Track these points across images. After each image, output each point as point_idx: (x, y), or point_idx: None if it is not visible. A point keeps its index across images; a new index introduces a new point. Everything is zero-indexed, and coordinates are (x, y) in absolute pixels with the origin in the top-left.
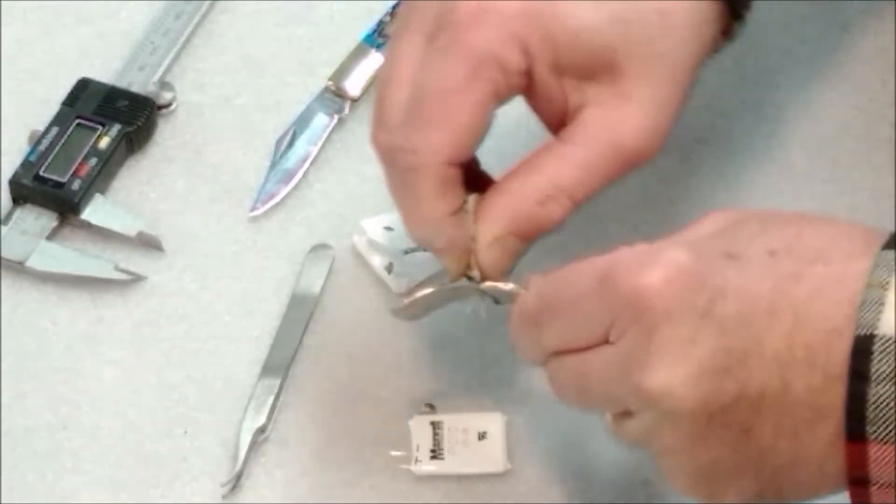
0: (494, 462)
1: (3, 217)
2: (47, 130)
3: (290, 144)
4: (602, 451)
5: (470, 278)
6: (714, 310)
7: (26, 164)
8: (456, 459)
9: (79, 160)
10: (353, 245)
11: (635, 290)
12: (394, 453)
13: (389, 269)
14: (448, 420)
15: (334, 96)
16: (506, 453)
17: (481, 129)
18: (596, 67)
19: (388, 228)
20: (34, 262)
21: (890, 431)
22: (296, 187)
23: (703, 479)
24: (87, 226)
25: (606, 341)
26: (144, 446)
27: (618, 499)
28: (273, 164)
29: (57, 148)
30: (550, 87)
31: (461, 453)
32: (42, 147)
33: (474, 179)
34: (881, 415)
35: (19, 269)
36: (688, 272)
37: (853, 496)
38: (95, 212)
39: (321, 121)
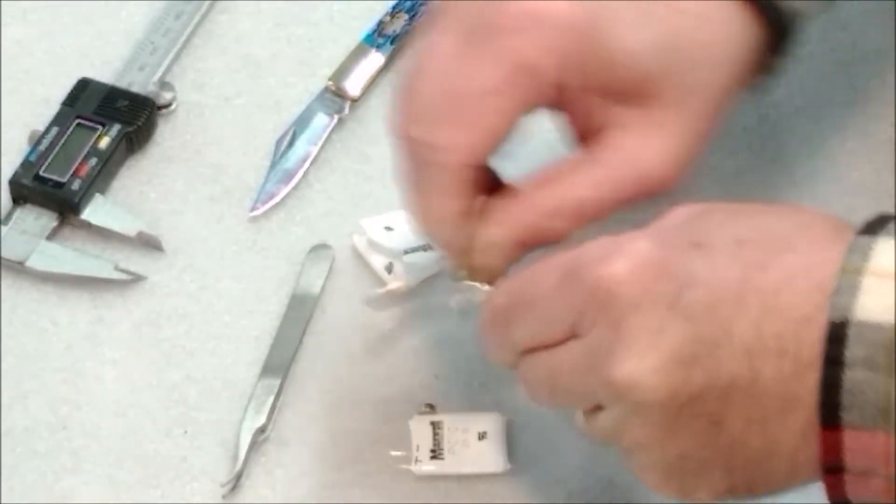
0: (494, 462)
1: (3, 217)
2: (47, 130)
3: (290, 144)
4: (602, 450)
5: (460, 277)
6: (681, 299)
7: (26, 164)
8: (456, 459)
9: (79, 160)
10: (353, 245)
11: (600, 280)
12: (394, 453)
13: (389, 269)
14: (448, 420)
15: (334, 96)
16: (506, 453)
17: (506, 134)
18: (631, 91)
19: (388, 228)
20: (34, 262)
21: (865, 417)
22: (296, 187)
23: (673, 474)
24: (87, 226)
25: (575, 336)
26: (144, 446)
27: (618, 498)
28: (273, 164)
29: (57, 148)
30: (579, 102)
31: (461, 453)
32: (42, 147)
33: (483, 180)
34: (856, 400)
35: (19, 269)
36: (653, 262)
37: (828, 486)
38: (95, 212)
39: (321, 121)
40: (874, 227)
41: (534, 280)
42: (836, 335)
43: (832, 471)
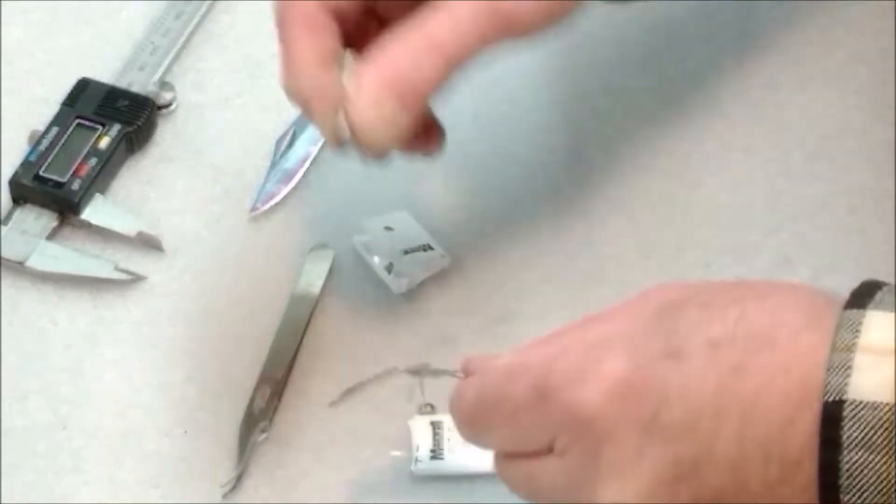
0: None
1: (3, 217)
2: (47, 130)
3: (290, 144)
4: None
5: (342, 144)
6: (658, 419)
7: (26, 164)
8: (456, 459)
9: (79, 160)
10: (353, 245)
11: (574, 408)
12: (394, 453)
13: (389, 269)
14: (448, 420)
15: None
16: None
17: None
18: None
19: (388, 228)
20: (34, 262)
21: (865, 499)
22: (296, 187)
23: None
24: (87, 226)
25: (552, 451)
26: (144, 446)
27: None
28: (273, 164)
29: (57, 148)
30: None
31: (461, 453)
32: (42, 147)
33: (350, 36)
34: (855, 483)
35: (19, 269)
36: (627, 384)
37: None
38: (95, 212)
39: None
40: (862, 297)
41: (503, 393)
42: (832, 416)
43: None
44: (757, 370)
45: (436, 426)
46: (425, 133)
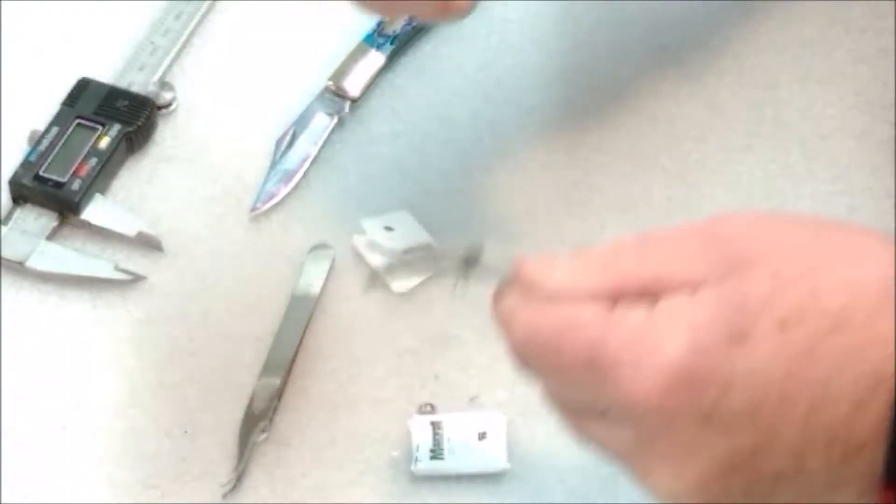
0: (494, 462)
1: (3, 217)
2: (47, 130)
3: (290, 144)
4: None
5: None
6: (718, 409)
7: (26, 164)
8: (456, 459)
9: (79, 160)
10: (353, 245)
11: (628, 398)
12: (394, 453)
13: (389, 269)
14: (448, 420)
15: (334, 96)
16: (506, 453)
17: None
18: None
19: (388, 228)
20: (34, 262)
21: None
22: (296, 187)
23: None
24: (87, 226)
25: (605, 416)
26: (144, 446)
27: (618, 499)
28: (273, 164)
29: (57, 148)
30: None
31: (461, 453)
32: (42, 147)
33: None
34: None
35: (19, 269)
36: (687, 374)
37: None
38: (95, 212)
39: (321, 121)
40: None
41: (556, 345)
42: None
43: None
44: (828, 355)
45: (436, 426)
46: None
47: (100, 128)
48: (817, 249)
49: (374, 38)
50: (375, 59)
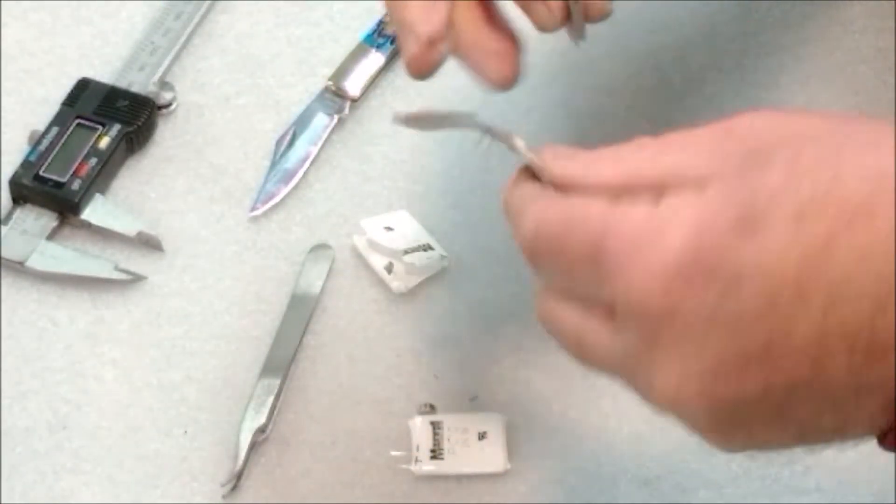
0: (494, 462)
1: (3, 217)
2: (47, 130)
3: (290, 144)
4: (602, 450)
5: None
6: (726, 303)
7: (26, 164)
8: (456, 459)
9: (79, 160)
10: (353, 245)
11: (629, 290)
12: (394, 453)
13: (389, 269)
14: (448, 420)
15: (334, 96)
16: (506, 453)
17: None
18: None
19: (388, 228)
20: (34, 262)
21: None
22: (296, 187)
23: (724, 428)
24: (87, 226)
25: (607, 313)
26: (144, 446)
27: (618, 499)
28: (273, 164)
29: (57, 148)
30: None
31: (461, 453)
32: (42, 147)
33: None
34: None
35: (19, 269)
36: (692, 263)
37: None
38: (95, 212)
39: (321, 121)
40: None
41: (561, 239)
42: None
43: None
44: (849, 248)
45: (436, 426)
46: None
47: (100, 128)
48: (838, 138)
49: (374, 38)
50: (375, 59)
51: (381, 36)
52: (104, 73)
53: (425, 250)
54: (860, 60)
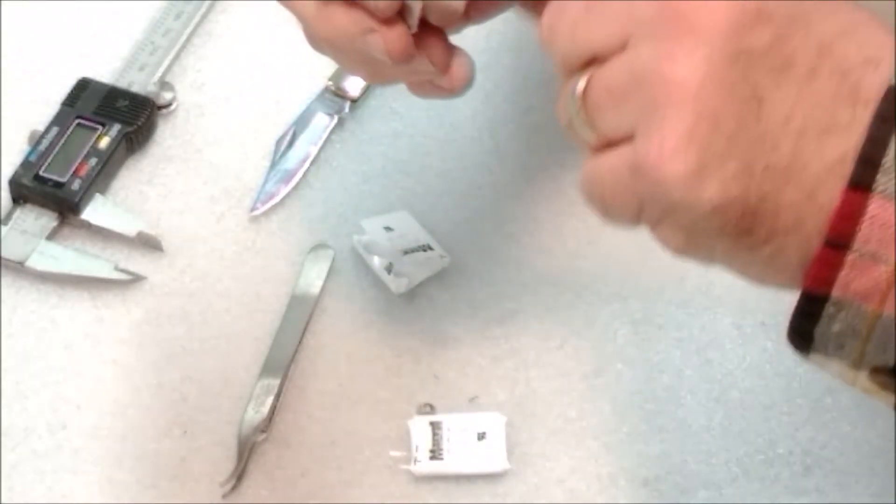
0: (494, 462)
1: (3, 217)
2: (47, 130)
3: (290, 144)
4: (602, 450)
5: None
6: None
7: (26, 164)
8: (455, 459)
9: (79, 160)
10: (353, 245)
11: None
12: (393, 453)
13: (389, 269)
14: (448, 420)
15: (334, 96)
16: (505, 453)
17: None
18: None
19: (388, 228)
20: (34, 262)
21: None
22: (296, 187)
23: (696, 137)
24: (87, 226)
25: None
26: (144, 446)
27: (618, 499)
28: (273, 164)
29: (57, 148)
30: None
31: (460, 453)
32: (42, 147)
33: None
34: None
35: (19, 269)
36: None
37: (818, 265)
38: (95, 212)
39: (321, 121)
40: None
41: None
42: (894, 97)
43: (836, 244)
44: (847, 21)
45: (435, 426)
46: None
47: (100, 128)
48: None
49: None
50: None
51: None
52: (104, 73)
53: (425, 250)
54: None
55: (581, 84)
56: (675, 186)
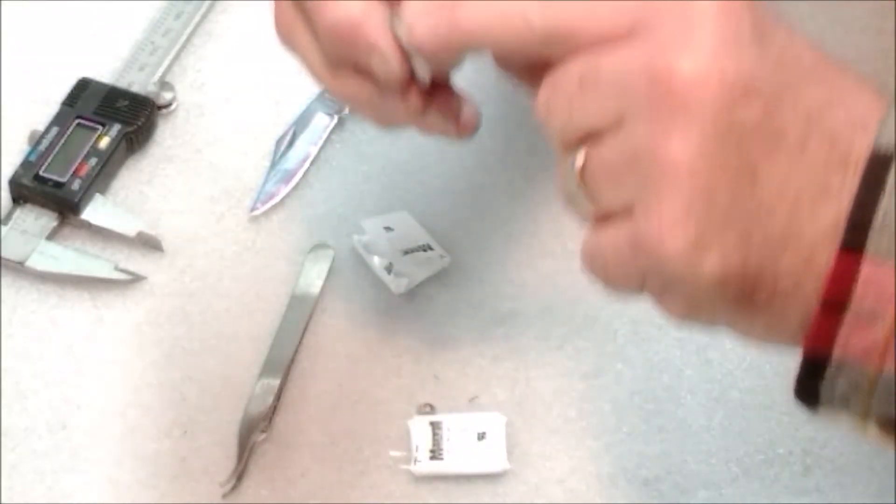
0: (494, 462)
1: (3, 217)
2: (47, 130)
3: (290, 144)
4: (602, 450)
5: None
6: (765, 35)
7: (26, 164)
8: (455, 459)
9: (79, 160)
10: (353, 245)
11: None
12: (393, 453)
13: (389, 269)
14: (448, 420)
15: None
16: (505, 453)
17: None
18: None
19: (388, 228)
20: (34, 262)
21: (892, 248)
22: (296, 187)
23: (694, 211)
24: (87, 226)
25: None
26: (144, 446)
27: (618, 499)
28: (273, 164)
29: (57, 148)
30: None
31: (460, 453)
32: (42, 147)
33: None
34: (887, 228)
35: (19, 269)
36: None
37: (817, 327)
38: (95, 212)
39: (321, 121)
40: None
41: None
42: (881, 159)
43: (832, 307)
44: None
45: (435, 426)
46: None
47: (100, 128)
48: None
49: None
50: None
51: None
52: (104, 73)
53: (425, 250)
54: (860, 60)
55: (579, 161)
56: (676, 261)
